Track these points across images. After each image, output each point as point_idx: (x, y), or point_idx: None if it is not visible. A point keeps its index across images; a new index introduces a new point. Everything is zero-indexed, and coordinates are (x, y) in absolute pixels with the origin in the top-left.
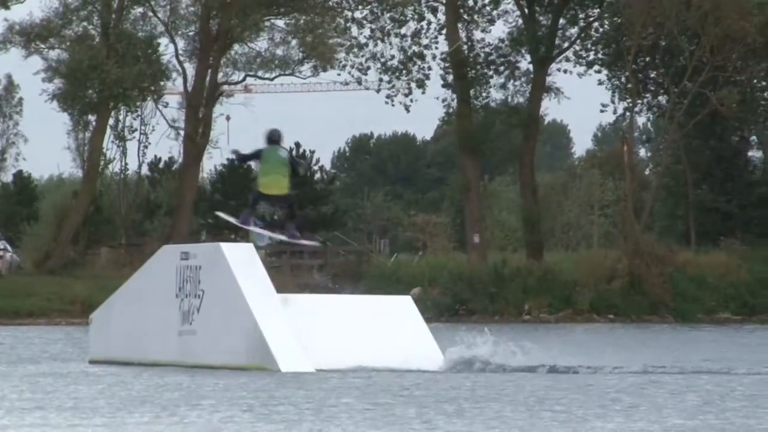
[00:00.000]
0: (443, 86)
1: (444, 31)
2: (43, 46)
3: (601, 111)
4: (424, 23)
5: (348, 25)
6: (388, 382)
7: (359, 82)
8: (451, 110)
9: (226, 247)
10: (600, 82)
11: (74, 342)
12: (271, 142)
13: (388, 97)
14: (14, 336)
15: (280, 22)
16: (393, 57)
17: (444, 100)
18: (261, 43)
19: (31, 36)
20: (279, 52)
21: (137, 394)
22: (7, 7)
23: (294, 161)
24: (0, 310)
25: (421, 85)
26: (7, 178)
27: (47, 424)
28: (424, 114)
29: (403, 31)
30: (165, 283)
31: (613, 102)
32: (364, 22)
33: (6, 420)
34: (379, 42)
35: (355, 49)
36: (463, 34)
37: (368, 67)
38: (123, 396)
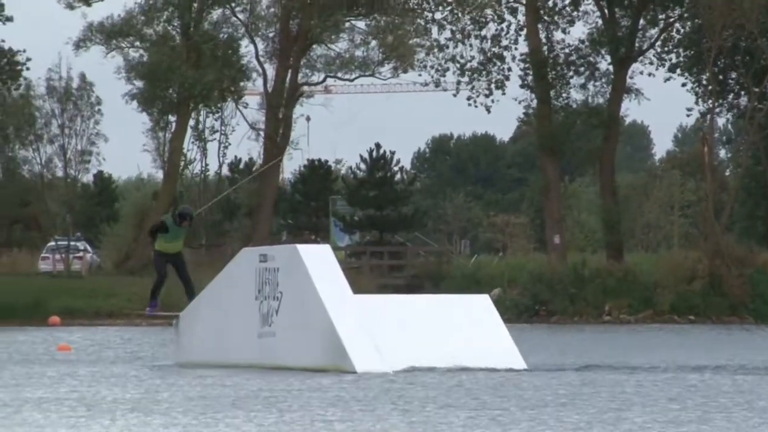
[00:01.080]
0: (522, 87)
1: (524, 32)
2: (123, 44)
3: (687, 115)
4: (504, 25)
5: (428, 26)
6: (467, 381)
7: (437, 84)
8: (530, 111)
9: (302, 248)
10: (683, 84)
11: (157, 343)
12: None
13: (469, 98)
14: (94, 336)
15: (361, 23)
16: (473, 58)
17: (523, 101)
18: (341, 44)
19: (111, 33)
20: (359, 53)
21: (230, 396)
22: (89, 5)
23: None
24: (81, 310)
25: (500, 86)
26: (88, 178)
27: (147, 424)
28: (503, 114)
29: (483, 32)
30: (245, 286)
31: (696, 104)
32: (444, 23)
33: (104, 420)
34: (459, 44)
35: (435, 50)
36: (543, 35)
37: (447, 69)
38: (217, 397)
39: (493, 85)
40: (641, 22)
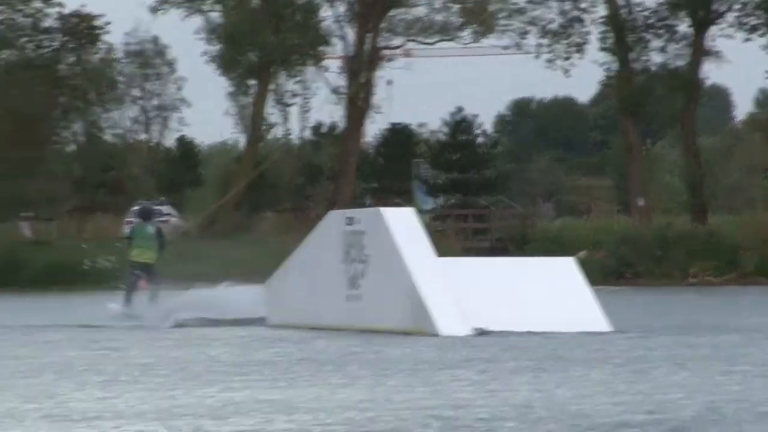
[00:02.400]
0: (602, 50)
1: None
2: (204, 6)
3: (766, 78)
4: None
5: None
6: (546, 344)
7: (518, 47)
8: (610, 74)
9: (386, 211)
10: (765, 47)
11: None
12: (142, 219)
13: (548, 61)
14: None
15: None
16: (553, 21)
17: (603, 64)
18: (420, 8)
19: None
20: (439, 17)
21: (321, 359)
22: None
23: (160, 236)
24: (165, 274)
25: (580, 49)
26: (170, 143)
27: (245, 387)
28: (584, 77)
29: None
30: (333, 249)
31: None
32: None
33: (209, 388)
34: (538, 6)
35: (515, 13)
36: None
37: (527, 32)
38: (308, 360)
39: (572, 48)
40: None
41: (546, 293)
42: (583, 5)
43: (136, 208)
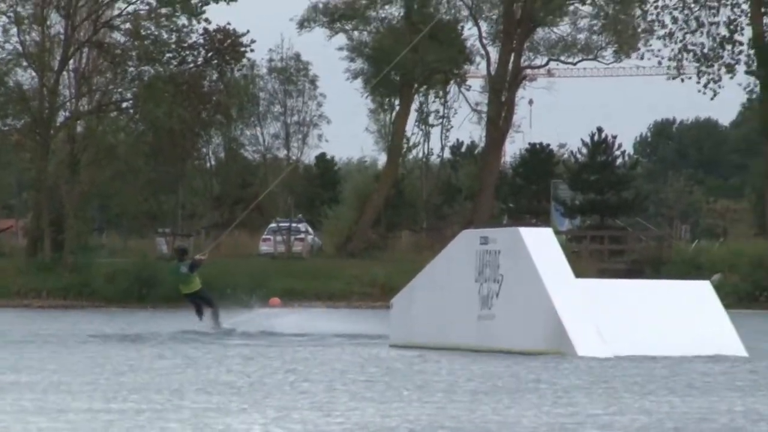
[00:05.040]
0: (747, 73)
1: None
2: (347, 26)
3: None
4: (735, 10)
5: (658, 12)
6: (686, 369)
7: (678, 72)
8: (753, 96)
9: (524, 231)
10: None
11: (374, 326)
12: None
13: (705, 85)
14: (317, 318)
15: (585, 7)
16: (703, 45)
17: (747, 87)
18: (564, 28)
19: (335, 16)
20: (581, 36)
21: (441, 379)
22: None
23: (192, 269)
24: (301, 292)
25: (731, 70)
26: (310, 160)
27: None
28: (725, 99)
29: (716, 18)
30: (465, 268)
31: None
32: (675, 11)
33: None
34: (689, 33)
35: (666, 39)
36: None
37: (681, 58)
38: (430, 381)
39: (723, 70)
40: None
41: (682, 316)
42: (732, 27)
43: (272, 225)
